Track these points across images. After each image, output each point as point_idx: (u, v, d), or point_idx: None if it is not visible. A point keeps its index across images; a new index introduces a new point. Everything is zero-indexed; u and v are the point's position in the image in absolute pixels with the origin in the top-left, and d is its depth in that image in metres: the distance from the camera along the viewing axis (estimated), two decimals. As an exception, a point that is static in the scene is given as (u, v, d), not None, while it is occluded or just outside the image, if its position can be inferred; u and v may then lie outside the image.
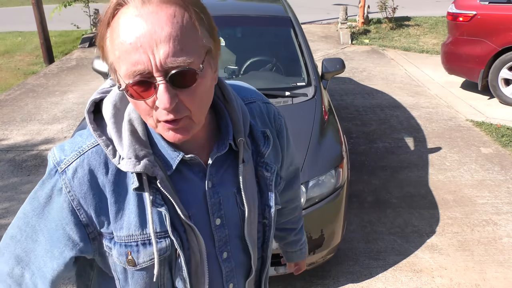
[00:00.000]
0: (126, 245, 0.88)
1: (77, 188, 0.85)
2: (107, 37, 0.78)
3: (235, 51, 3.73)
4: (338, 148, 2.83)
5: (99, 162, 0.86)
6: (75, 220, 0.86)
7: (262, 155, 0.98)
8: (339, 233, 2.70)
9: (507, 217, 3.48)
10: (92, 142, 0.87)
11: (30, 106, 5.81)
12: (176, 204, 0.86)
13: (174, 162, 0.87)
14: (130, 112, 0.87)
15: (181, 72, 0.74)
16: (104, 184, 0.86)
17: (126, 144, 0.84)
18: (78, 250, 0.89)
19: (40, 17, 7.65)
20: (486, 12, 5.47)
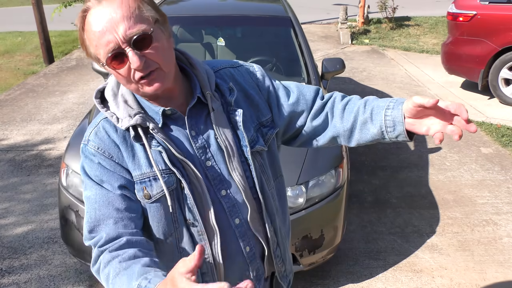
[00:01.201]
0: (141, 182, 1.12)
1: (101, 143, 1.12)
2: (85, 39, 1.05)
3: (235, 51, 3.74)
4: (338, 148, 2.83)
5: (109, 126, 1.13)
6: (113, 162, 1.11)
7: (229, 103, 1.18)
8: (339, 233, 2.70)
9: (507, 217, 3.48)
10: (103, 117, 1.15)
11: (30, 106, 5.81)
12: (169, 144, 1.10)
13: (159, 115, 1.12)
14: (121, 89, 1.16)
15: (139, 37, 1.01)
16: (115, 140, 1.12)
17: (121, 109, 1.11)
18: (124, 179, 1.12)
19: (40, 17, 7.65)
20: (486, 12, 5.47)
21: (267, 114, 1.25)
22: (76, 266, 2.97)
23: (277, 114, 1.26)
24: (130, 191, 1.13)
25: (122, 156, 1.12)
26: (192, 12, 3.93)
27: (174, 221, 1.15)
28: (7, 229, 3.37)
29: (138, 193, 1.13)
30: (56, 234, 3.28)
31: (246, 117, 1.19)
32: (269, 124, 1.25)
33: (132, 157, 1.12)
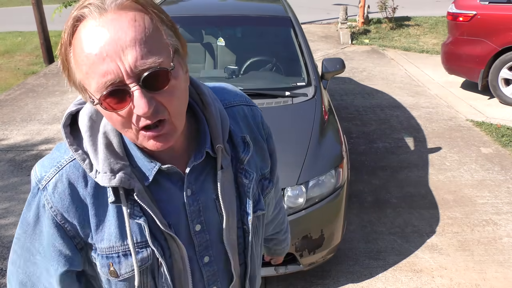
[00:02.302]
0: (107, 257, 0.89)
1: (58, 203, 0.85)
2: (70, 57, 0.76)
3: (235, 51, 3.73)
4: (338, 148, 2.83)
5: (77, 176, 0.86)
6: (61, 234, 0.87)
7: (241, 161, 0.96)
8: (339, 233, 2.70)
9: (507, 217, 3.48)
10: (70, 156, 0.86)
11: (30, 106, 5.81)
12: (155, 215, 0.86)
13: (151, 173, 0.87)
14: (105, 124, 0.85)
15: (153, 73, 0.73)
16: (84, 197, 0.86)
17: (101, 158, 0.83)
18: (69, 263, 0.90)
19: (40, 17, 7.65)
20: (486, 12, 5.47)
21: (268, 165, 1.08)
22: (76, 266, 2.97)
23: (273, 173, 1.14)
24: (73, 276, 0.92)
25: (86, 221, 0.86)
26: (192, 12, 3.93)
27: None
28: (7, 229, 3.37)
29: (102, 268, 0.89)
30: (56, 234, 3.28)
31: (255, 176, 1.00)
32: (268, 177, 1.08)
33: (99, 223, 0.87)
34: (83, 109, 0.87)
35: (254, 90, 3.17)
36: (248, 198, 0.97)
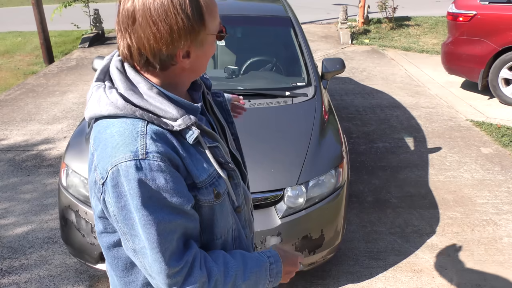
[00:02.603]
0: (211, 184, 1.05)
1: (165, 153, 0.95)
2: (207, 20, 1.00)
3: (235, 51, 3.74)
4: (338, 148, 2.83)
5: (159, 131, 0.97)
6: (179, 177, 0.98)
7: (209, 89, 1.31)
8: (339, 233, 2.70)
9: (507, 217, 3.48)
10: (142, 122, 0.96)
11: (30, 106, 5.81)
12: (220, 137, 1.14)
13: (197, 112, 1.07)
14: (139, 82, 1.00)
15: None
16: (177, 145, 0.99)
17: (169, 108, 0.99)
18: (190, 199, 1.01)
19: (40, 17, 7.65)
20: (486, 12, 5.47)
21: None
22: (76, 266, 2.97)
23: None
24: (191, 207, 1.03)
25: (184, 164, 1.00)
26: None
27: (232, 213, 1.16)
28: (7, 229, 3.37)
29: (207, 197, 1.04)
30: (56, 234, 3.28)
31: None
32: None
33: (195, 162, 1.02)
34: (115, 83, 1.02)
35: (254, 90, 3.17)
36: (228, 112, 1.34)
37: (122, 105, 0.96)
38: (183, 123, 0.99)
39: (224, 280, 1.06)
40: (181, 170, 0.99)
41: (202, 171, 1.03)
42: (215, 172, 1.06)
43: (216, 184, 1.06)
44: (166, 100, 0.99)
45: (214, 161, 1.06)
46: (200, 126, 1.04)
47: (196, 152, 1.03)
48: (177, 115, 0.98)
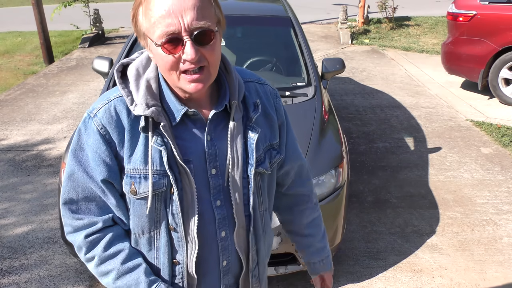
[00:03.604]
0: (131, 176, 1.10)
1: (106, 124, 1.07)
2: (140, 11, 1.01)
3: (235, 51, 3.74)
4: (338, 148, 2.83)
5: (122, 107, 1.09)
6: (108, 149, 1.08)
7: (250, 119, 1.17)
8: (339, 233, 2.70)
9: (507, 217, 3.48)
10: (118, 94, 1.11)
11: (30, 106, 5.81)
12: (174, 147, 1.07)
13: (179, 113, 1.09)
14: (149, 73, 1.11)
15: (203, 32, 0.99)
16: (125, 124, 1.08)
17: (141, 94, 1.07)
18: (110, 172, 1.09)
19: (40, 17, 7.65)
20: (486, 12, 5.47)
21: (277, 138, 1.26)
22: (76, 266, 2.97)
23: (282, 146, 1.30)
24: (112, 187, 1.12)
25: (123, 144, 1.09)
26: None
27: (156, 221, 1.13)
28: (7, 229, 3.37)
29: (125, 186, 1.11)
30: (56, 234, 3.28)
31: (260, 136, 1.19)
32: (277, 148, 1.26)
33: (132, 149, 1.09)
34: (133, 63, 1.13)
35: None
36: (252, 152, 1.16)
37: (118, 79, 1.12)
38: (136, 109, 1.06)
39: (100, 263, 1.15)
40: (112, 146, 1.08)
41: (132, 161, 1.09)
42: (143, 171, 1.09)
43: (137, 181, 1.09)
44: (144, 86, 1.08)
45: (151, 161, 1.07)
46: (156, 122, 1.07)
47: (140, 142, 1.09)
48: (141, 101, 1.06)
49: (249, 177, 1.17)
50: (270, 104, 1.24)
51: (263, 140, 1.20)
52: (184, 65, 1.01)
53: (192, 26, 0.97)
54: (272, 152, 1.23)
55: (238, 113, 1.15)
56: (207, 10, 1.00)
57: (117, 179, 1.11)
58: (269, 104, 1.24)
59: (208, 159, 1.12)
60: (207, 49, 1.01)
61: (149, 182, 1.08)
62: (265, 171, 1.20)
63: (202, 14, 0.98)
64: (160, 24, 0.97)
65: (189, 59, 0.99)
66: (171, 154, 1.08)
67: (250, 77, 1.25)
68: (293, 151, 1.35)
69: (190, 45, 0.98)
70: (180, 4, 0.96)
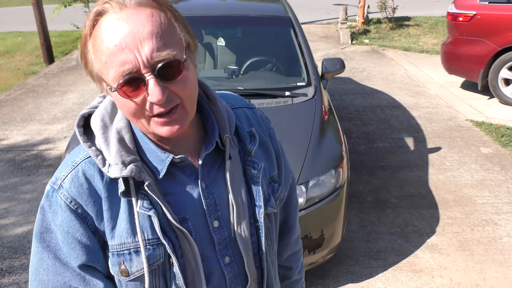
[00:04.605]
0: (118, 254, 0.88)
1: (77, 197, 0.87)
2: (89, 49, 0.82)
3: (235, 51, 3.74)
4: (338, 148, 2.83)
5: (93, 171, 0.88)
6: (84, 226, 0.88)
7: (249, 153, 0.99)
8: (339, 233, 2.70)
9: (507, 217, 3.48)
10: (85, 155, 0.90)
11: (30, 106, 5.81)
12: (165, 207, 0.87)
13: (164, 164, 0.89)
14: (118, 122, 0.90)
15: (167, 64, 0.79)
16: (100, 191, 0.88)
17: (113, 151, 0.86)
18: (90, 256, 0.89)
19: (40, 17, 7.66)
20: (486, 12, 5.47)
21: (276, 169, 1.08)
22: (76, 266, 2.97)
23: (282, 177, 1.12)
24: (95, 271, 0.90)
25: (101, 216, 0.87)
26: (192, 12, 3.93)
27: None
28: (7, 229, 3.37)
29: (113, 267, 0.89)
30: (56, 234, 3.28)
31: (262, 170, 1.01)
32: (278, 180, 1.09)
33: (114, 219, 0.88)
34: (96, 111, 0.92)
35: (254, 90, 3.17)
36: (258, 191, 0.98)
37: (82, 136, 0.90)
38: (111, 171, 0.85)
39: None
40: (89, 222, 0.87)
41: (116, 235, 0.88)
42: (132, 244, 0.88)
43: (126, 258, 0.88)
44: (115, 140, 0.87)
45: (140, 231, 0.87)
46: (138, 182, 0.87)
47: (123, 209, 0.87)
48: (115, 160, 0.85)
49: (258, 221, 0.99)
50: (264, 131, 1.06)
51: (263, 174, 1.02)
52: (151, 108, 0.81)
53: (153, 60, 0.77)
54: (274, 186, 1.06)
55: (234, 149, 0.96)
56: (170, 35, 0.80)
57: (100, 260, 0.90)
58: (262, 131, 1.06)
59: (207, 211, 0.93)
60: (176, 85, 0.81)
61: (142, 257, 0.87)
62: (273, 210, 1.03)
63: (164, 42, 0.78)
64: (113, 63, 0.78)
65: (155, 101, 0.79)
66: (163, 217, 0.88)
67: (236, 102, 1.06)
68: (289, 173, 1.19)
69: (154, 84, 0.78)
70: (133, 34, 0.77)
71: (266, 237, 1.01)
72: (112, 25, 0.78)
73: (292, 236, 1.23)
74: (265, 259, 1.01)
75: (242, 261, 0.98)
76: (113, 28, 0.77)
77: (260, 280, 1.04)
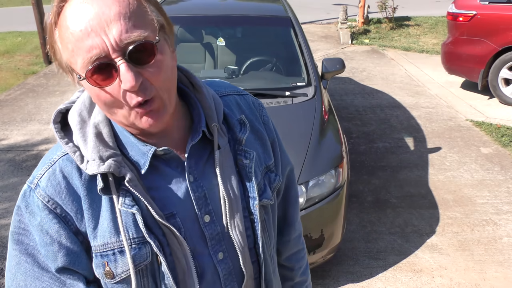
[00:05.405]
0: (102, 255, 0.83)
1: (55, 196, 0.82)
2: (56, 38, 0.76)
3: (235, 51, 3.74)
4: (338, 148, 2.83)
5: (71, 168, 0.83)
6: (63, 226, 0.82)
7: (239, 142, 0.93)
8: (339, 233, 2.70)
9: (507, 217, 3.48)
10: (62, 152, 0.85)
11: (30, 106, 5.81)
12: (149, 204, 0.82)
13: (147, 157, 0.84)
14: (95, 116, 0.85)
15: (139, 46, 0.72)
16: (79, 189, 0.83)
17: (90, 146, 0.81)
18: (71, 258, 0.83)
19: (40, 17, 7.65)
20: (486, 12, 5.47)
21: (272, 158, 1.02)
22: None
23: (278, 166, 1.06)
24: (76, 274, 0.85)
25: (82, 215, 0.82)
26: (192, 12, 3.93)
27: None
28: (7, 229, 3.37)
29: (97, 269, 0.84)
30: (56, 234, 3.28)
31: (255, 159, 0.95)
32: (274, 170, 1.03)
33: (95, 219, 0.82)
34: (73, 107, 0.87)
35: (254, 90, 3.17)
36: (251, 182, 0.92)
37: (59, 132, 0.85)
38: (90, 168, 0.80)
39: None
40: (69, 221, 0.82)
41: (99, 235, 0.83)
42: (116, 244, 0.83)
43: (110, 259, 0.83)
44: (92, 134, 0.82)
45: (123, 229, 0.81)
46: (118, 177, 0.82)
47: (104, 207, 0.82)
48: (92, 155, 0.80)
49: (253, 213, 0.93)
50: (257, 118, 1.00)
51: (258, 163, 0.96)
52: (127, 98, 0.75)
53: (122, 42, 0.71)
54: (270, 176, 1.00)
55: (223, 138, 0.91)
56: (140, 16, 0.74)
57: (83, 263, 0.84)
58: (255, 118, 1.00)
59: (197, 206, 0.87)
60: (150, 70, 0.75)
61: (128, 257, 0.82)
62: (269, 202, 0.98)
63: (133, 23, 0.72)
64: (79, 50, 0.72)
65: (128, 87, 0.72)
66: (147, 213, 0.82)
67: (226, 89, 1.00)
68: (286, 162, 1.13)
69: (126, 69, 0.72)
70: (99, 17, 0.71)
71: (262, 230, 0.96)
72: (77, 9, 0.71)
73: (292, 234, 1.17)
74: (261, 253, 0.96)
75: (237, 257, 0.92)
76: (77, 12, 0.71)
77: (257, 276, 0.98)
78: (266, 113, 1.04)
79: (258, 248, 0.95)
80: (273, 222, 1.03)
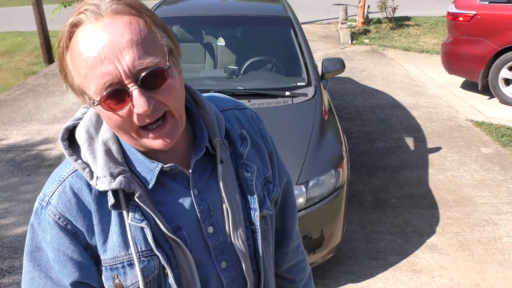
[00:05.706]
0: (111, 268, 0.87)
1: (65, 212, 0.85)
2: (68, 62, 0.79)
3: (235, 51, 3.74)
4: (338, 148, 2.83)
5: (81, 185, 0.86)
6: (74, 242, 0.86)
7: (240, 156, 0.97)
8: (339, 233, 2.70)
9: (507, 217, 3.48)
10: (71, 168, 0.88)
11: (30, 106, 5.81)
12: (157, 218, 0.85)
13: (153, 174, 0.87)
14: (104, 133, 0.88)
15: (151, 73, 0.76)
16: (90, 205, 0.86)
17: (100, 163, 0.84)
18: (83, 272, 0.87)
19: (40, 17, 7.65)
20: (486, 12, 5.47)
21: (270, 169, 1.06)
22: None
23: (276, 177, 1.10)
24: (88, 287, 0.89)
25: (92, 230, 0.86)
26: (192, 12, 3.93)
27: None
28: (7, 229, 3.37)
29: (107, 281, 0.88)
30: (56, 234, 3.28)
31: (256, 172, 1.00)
32: (272, 181, 1.06)
33: (105, 233, 0.86)
34: (80, 123, 0.90)
35: (254, 90, 3.17)
36: (252, 194, 0.97)
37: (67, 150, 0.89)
38: (99, 184, 0.83)
39: None
40: (80, 237, 0.86)
41: (109, 248, 0.86)
42: (126, 257, 0.86)
43: (120, 272, 0.87)
44: (101, 152, 0.85)
45: (133, 243, 0.85)
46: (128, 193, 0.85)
47: (114, 221, 0.86)
48: (103, 172, 0.84)
49: (254, 224, 0.97)
50: (255, 131, 1.04)
51: (257, 175, 1.00)
52: (138, 120, 0.79)
53: (135, 69, 0.75)
54: (268, 187, 1.04)
55: (225, 152, 0.94)
56: (151, 43, 0.77)
57: (94, 276, 0.88)
58: (254, 132, 1.04)
59: (201, 218, 0.91)
60: (162, 93, 0.79)
61: (137, 270, 0.85)
62: (269, 212, 1.02)
63: (145, 50, 0.75)
64: (92, 75, 0.75)
65: (141, 112, 0.76)
66: (155, 227, 0.86)
67: (225, 104, 1.03)
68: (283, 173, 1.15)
69: (139, 94, 0.76)
70: (112, 44, 0.74)
71: (262, 240, 1.00)
72: (90, 36, 0.74)
73: (290, 245, 1.19)
74: (262, 262, 1.00)
75: (239, 266, 0.96)
76: (90, 39, 0.74)
77: (257, 284, 1.03)
78: (264, 126, 1.08)
79: (259, 257, 0.99)
80: (271, 231, 1.07)
